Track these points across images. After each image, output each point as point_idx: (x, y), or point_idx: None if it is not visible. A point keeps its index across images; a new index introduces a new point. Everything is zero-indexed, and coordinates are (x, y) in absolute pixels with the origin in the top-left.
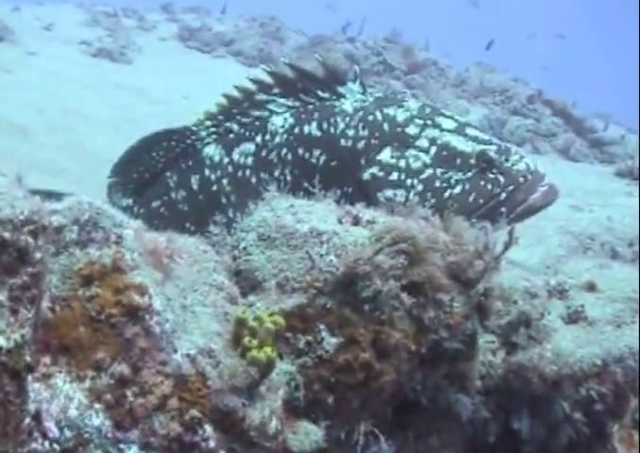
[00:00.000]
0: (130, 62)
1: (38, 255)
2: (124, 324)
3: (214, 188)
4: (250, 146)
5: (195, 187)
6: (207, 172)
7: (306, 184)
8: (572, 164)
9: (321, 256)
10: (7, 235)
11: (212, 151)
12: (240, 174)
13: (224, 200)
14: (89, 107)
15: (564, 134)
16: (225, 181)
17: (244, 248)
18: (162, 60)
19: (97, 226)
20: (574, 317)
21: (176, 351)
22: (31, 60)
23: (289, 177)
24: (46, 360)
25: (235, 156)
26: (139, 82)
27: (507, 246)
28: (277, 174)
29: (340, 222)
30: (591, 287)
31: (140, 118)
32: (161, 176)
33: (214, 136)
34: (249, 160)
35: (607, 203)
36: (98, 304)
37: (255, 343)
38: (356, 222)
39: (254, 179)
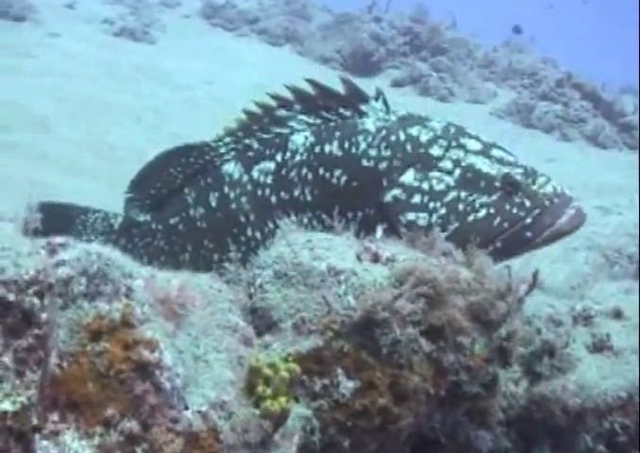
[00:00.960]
0: (153, 42)
1: (44, 316)
2: (133, 380)
3: (233, 206)
4: (270, 165)
5: (214, 204)
6: (226, 189)
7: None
8: (600, 152)
9: (339, 296)
10: (11, 297)
11: (232, 168)
12: (259, 192)
13: (242, 219)
14: (110, 94)
15: (594, 119)
16: (244, 199)
17: (260, 286)
18: (186, 40)
19: (106, 278)
20: (599, 346)
21: (187, 408)
22: (53, 42)
23: (309, 198)
24: (54, 416)
25: (255, 174)
26: (161, 65)
27: (531, 288)
28: (296, 193)
29: (359, 259)
30: (617, 314)
31: (161, 106)
32: (180, 192)
33: (234, 153)
34: (269, 179)
35: (634, 203)
36: (107, 360)
37: (269, 392)
38: (375, 259)
39: (274, 199)
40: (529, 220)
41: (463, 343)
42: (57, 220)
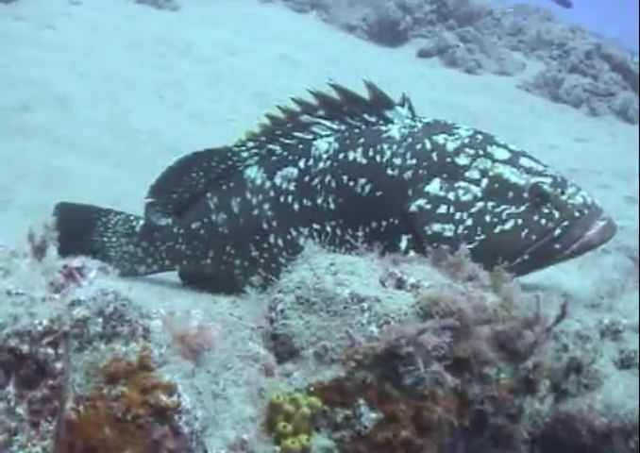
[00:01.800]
0: (176, 9)
1: (58, 365)
2: (151, 424)
3: (255, 212)
4: (293, 171)
5: (236, 210)
6: (248, 195)
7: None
8: (629, 128)
9: (362, 325)
10: (25, 348)
11: (254, 174)
12: (282, 199)
13: (265, 225)
14: (132, 69)
15: (623, 92)
16: (266, 206)
17: (282, 311)
18: (210, 6)
19: (123, 318)
20: (626, 362)
21: (206, 452)
22: (74, 11)
23: (332, 206)
24: None
25: (277, 180)
26: (184, 35)
27: (559, 319)
28: (319, 201)
29: (383, 284)
30: None
31: (184, 81)
32: (202, 196)
33: (256, 158)
34: (292, 186)
35: None
36: (124, 404)
37: (290, 428)
38: (400, 285)
39: (296, 206)
40: (557, 232)
41: (489, 374)
42: (79, 222)
